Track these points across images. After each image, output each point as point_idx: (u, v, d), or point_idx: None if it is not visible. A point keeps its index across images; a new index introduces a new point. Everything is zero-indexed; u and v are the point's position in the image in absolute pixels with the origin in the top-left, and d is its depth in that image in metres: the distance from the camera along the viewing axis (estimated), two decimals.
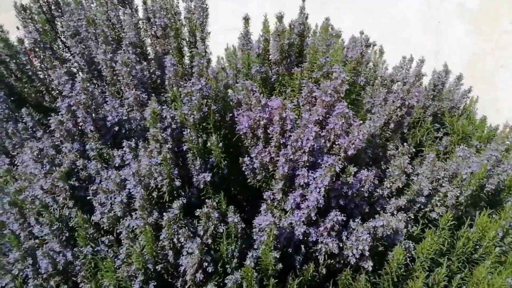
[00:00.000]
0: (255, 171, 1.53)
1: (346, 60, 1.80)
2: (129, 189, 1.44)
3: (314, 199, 1.26)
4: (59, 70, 1.73)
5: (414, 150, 1.73)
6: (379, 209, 1.48)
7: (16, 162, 2.06)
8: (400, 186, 1.49)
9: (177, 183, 1.38)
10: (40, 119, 2.30)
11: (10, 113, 2.28)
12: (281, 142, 1.39)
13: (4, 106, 2.26)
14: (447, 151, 2.55)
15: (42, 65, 2.49)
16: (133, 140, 1.56)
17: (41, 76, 2.53)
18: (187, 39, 2.46)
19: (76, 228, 1.51)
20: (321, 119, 1.37)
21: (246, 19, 2.22)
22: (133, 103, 1.61)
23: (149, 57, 2.01)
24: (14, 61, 2.41)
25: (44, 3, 2.67)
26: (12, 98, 2.39)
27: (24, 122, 2.20)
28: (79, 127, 1.58)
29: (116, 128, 1.56)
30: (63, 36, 2.69)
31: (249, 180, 1.60)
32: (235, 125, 1.70)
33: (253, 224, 1.48)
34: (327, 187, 1.29)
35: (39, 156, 1.44)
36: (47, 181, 1.44)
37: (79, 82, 1.49)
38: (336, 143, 1.38)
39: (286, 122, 1.35)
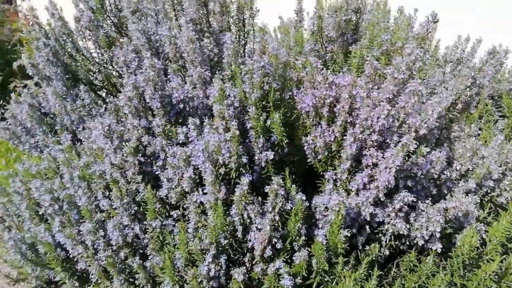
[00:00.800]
0: (317, 150, 1.52)
1: (410, 36, 1.73)
2: (194, 165, 1.47)
3: (385, 179, 1.25)
4: (127, 47, 1.75)
5: (479, 131, 1.67)
6: (446, 192, 1.45)
7: (81, 138, 2.14)
8: (470, 169, 1.45)
9: (244, 160, 1.40)
10: (93, 98, 2.36)
11: (67, 90, 2.35)
12: (348, 120, 1.37)
13: (61, 83, 2.33)
14: (505, 135, 2.45)
15: (95, 44, 2.53)
16: (196, 117, 1.58)
17: (94, 55, 2.59)
18: (235, 17, 2.44)
19: (142, 203, 1.57)
20: (391, 97, 1.34)
21: None
22: (196, 81, 1.62)
23: (205, 35, 2.01)
24: (70, 39, 2.47)
25: None
26: (67, 76, 2.46)
27: (82, 99, 2.27)
28: (143, 104, 1.61)
29: (181, 106, 1.58)
30: (112, 15, 2.72)
31: (309, 160, 1.59)
32: (294, 104, 1.69)
33: (314, 204, 1.49)
34: (397, 168, 1.26)
35: (109, 132, 1.48)
36: (117, 156, 1.49)
37: (147, 59, 1.51)
38: (407, 122, 1.34)
39: (356, 100, 1.33)
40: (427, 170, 1.33)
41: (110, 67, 2.63)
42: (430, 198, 1.40)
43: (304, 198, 1.32)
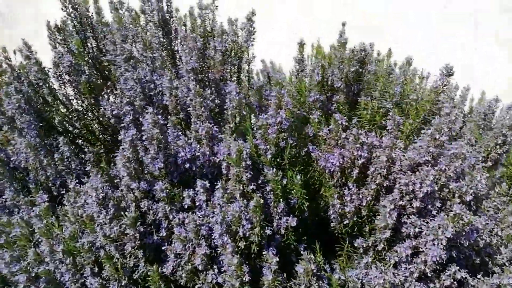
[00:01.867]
0: (344, 215, 1.36)
1: (423, 89, 1.66)
2: (204, 235, 1.26)
3: (436, 254, 1.09)
4: (121, 100, 1.56)
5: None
6: (487, 259, 1.31)
7: (56, 194, 1.88)
8: None
9: (268, 231, 1.21)
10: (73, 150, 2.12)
11: (41, 141, 2.10)
12: (385, 184, 1.23)
13: (34, 133, 2.08)
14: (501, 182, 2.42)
15: (75, 90, 2.32)
16: (201, 178, 1.40)
17: (74, 102, 2.37)
18: (231, 63, 2.32)
19: (140, 281, 1.32)
20: (429, 159, 1.22)
21: (301, 44, 2.09)
22: (203, 137, 1.44)
23: (205, 84, 1.85)
24: (47, 85, 2.25)
25: (77, 23, 2.52)
26: (41, 125, 2.21)
27: (60, 152, 2.02)
28: (139, 163, 1.40)
29: (187, 165, 1.39)
30: (93, 60, 2.54)
31: (332, 224, 1.43)
32: (310, 161, 1.54)
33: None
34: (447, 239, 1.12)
35: (104, 199, 1.25)
36: (112, 227, 1.25)
37: (149, 114, 1.32)
38: (449, 186, 1.22)
39: (395, 163, 1.19)
40: (474, 239, 1.19)
41: (90, 114, 2.41)
42: (468, 268, 1.27)
43: (343, 277, 1.14)
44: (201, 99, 1.45)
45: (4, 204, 1.95)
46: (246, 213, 1.18)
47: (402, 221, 1.21)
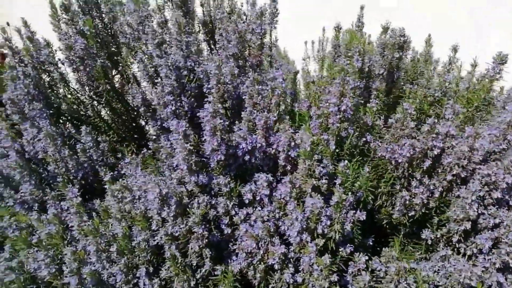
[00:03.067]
0: (411, 207, 1.32)
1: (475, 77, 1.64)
2: (272, 232, 1.20)
3: None
4: (160, 88, 1.44)
5: None
6: None
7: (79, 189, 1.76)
8: None
9: (348, 227, 1.15)
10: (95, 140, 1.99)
11: (54, 130, 1.95)
12: (462, 175, 1.20)
13: (46, 122, 1.93)
14: None
15: (88, 75, 2.17)
16: (257, 171, 1.32)
17: (87, 88, 2.22)
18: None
19: (201, 281, 1.25)
20: (506, 147, 1.19)
21: (338, 29, 2.01)
22: (260, 127, 1.36)
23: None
24: (59, 70, 2.09)
25: (82, 2, 2.35)
26: (51, 112, 2.06)
27: (82, 142, 1.89)
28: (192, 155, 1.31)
29: (247, 157, 1.31)
30: (103, 44, 2.38)
31: (394, 216, 1.39)
32: (368, 151, 1.49)
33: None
34: None
35: (168, 195, 1.16)
36: (177, 224, 1.16)
37: (209, 103, 1.22)
38: None
39: (474, 153, 1.16)
40: None
41: (104, 100, 2.27)
42: None
43: (430, 274, 1.10)
44: (258, 88, 1.36)
45: (22, 199, 1.81)
46: (326, 209, 1.11)
47: (479, 212, 1.19)
